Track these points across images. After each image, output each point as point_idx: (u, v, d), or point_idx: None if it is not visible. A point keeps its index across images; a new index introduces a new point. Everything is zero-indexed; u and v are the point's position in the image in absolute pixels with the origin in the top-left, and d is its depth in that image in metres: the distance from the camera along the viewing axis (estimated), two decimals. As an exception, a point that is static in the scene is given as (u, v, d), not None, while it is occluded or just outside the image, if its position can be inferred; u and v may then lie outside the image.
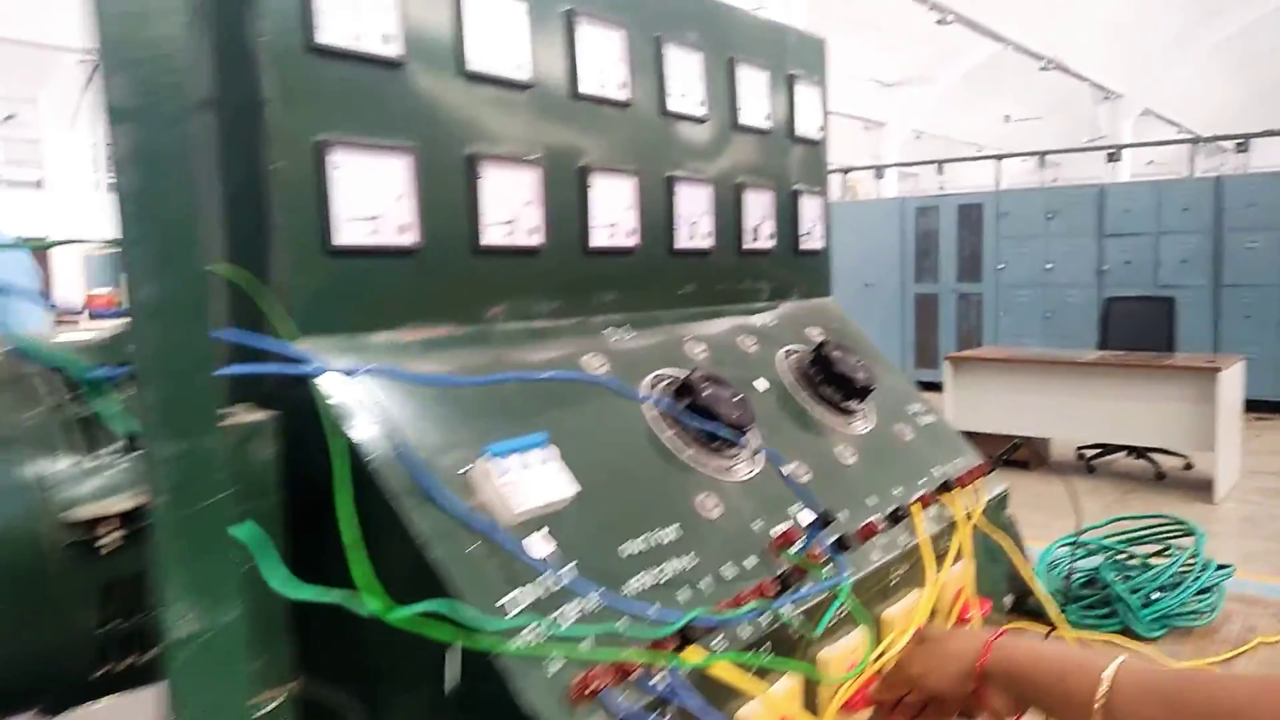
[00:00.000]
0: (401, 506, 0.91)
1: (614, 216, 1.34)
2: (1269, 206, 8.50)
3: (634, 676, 0.90)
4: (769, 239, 1.65)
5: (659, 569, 1.04)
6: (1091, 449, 6.44)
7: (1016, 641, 0.94)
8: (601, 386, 1.20)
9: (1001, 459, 1.68)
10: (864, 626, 1.19)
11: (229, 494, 0.65)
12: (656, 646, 0.93)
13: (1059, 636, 1.51)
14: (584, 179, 1.30)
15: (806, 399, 1.47)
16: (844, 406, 1.50)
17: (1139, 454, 6.17)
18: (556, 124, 1.27)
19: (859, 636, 1.18)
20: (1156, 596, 1.86)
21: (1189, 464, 6.04)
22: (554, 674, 0.86)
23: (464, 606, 0.85)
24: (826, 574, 1.18)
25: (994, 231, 9.90)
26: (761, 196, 1.63)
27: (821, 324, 1.69)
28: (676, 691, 0.90)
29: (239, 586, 0.67)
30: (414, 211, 1.09)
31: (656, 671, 0.91)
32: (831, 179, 1.87)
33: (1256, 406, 7.28)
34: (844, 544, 1.23)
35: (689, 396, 1.22)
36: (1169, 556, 2.03)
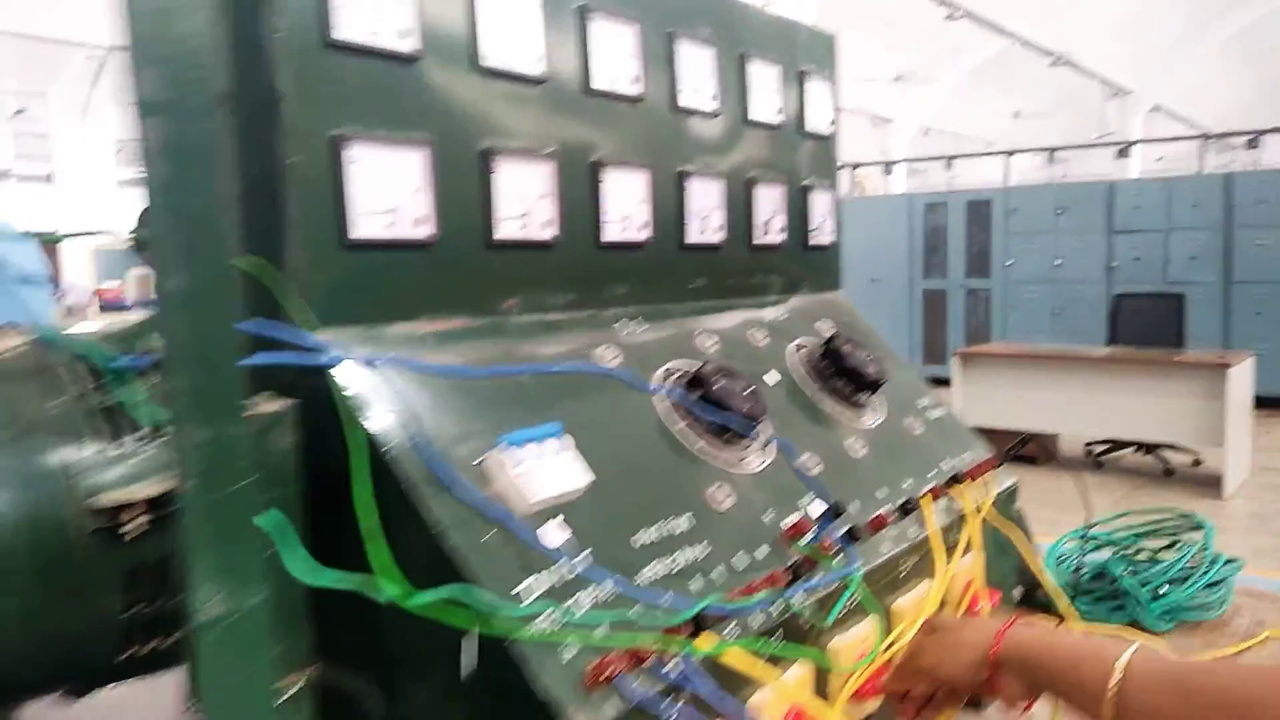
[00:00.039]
0: (418, 495, 0.92)
1: (626, 211, 1.35)
2: (1279, 203, 8.47)
3: (648, 663, 0.91)
4: (780, 233, 1.66)
5: (671, 558, 1.05)
6: (1100, 445, 6.43)
7: (1028, 630, 0.95)
8: (614, 379, 1.22)
9: (1010, 453, 1.68)
10: (875, 616, 1.20)
11: (254, 480, 0.67)
12: (670, 634, 0.94)
13: (1068, 629, 1.52)
14: (596, 174, 1.31)
15: (817, 392, 1.48)
16: (854, 400, 1.51)
17: (1147, 450, 6.16)
18: (570, 119, 1.28)
19: (870, 626, 1.19)
20: (1165, 590, 1.87)
21: (1198, 460, 6.03)
22: (569, 660, 0.88)
23: (481, 592, 0.86)
24: (837, 565, 1.19)
25: (1003, 227, 9.87)
26: (772, 191, 1.64)
27: (832, 318, 1.70)
28: (690, 678, 0.92)
29: (264, 571, 0.68)
30: (430, 205, 1.10)
31: (670, 658, 0.92)
32: (839, 174, 1.88)
33: (1266, 403, 7.26)
34: (854, 535, 1.24)
35: (701, 388, 1.23)
36: (1178, 551, 2.04)
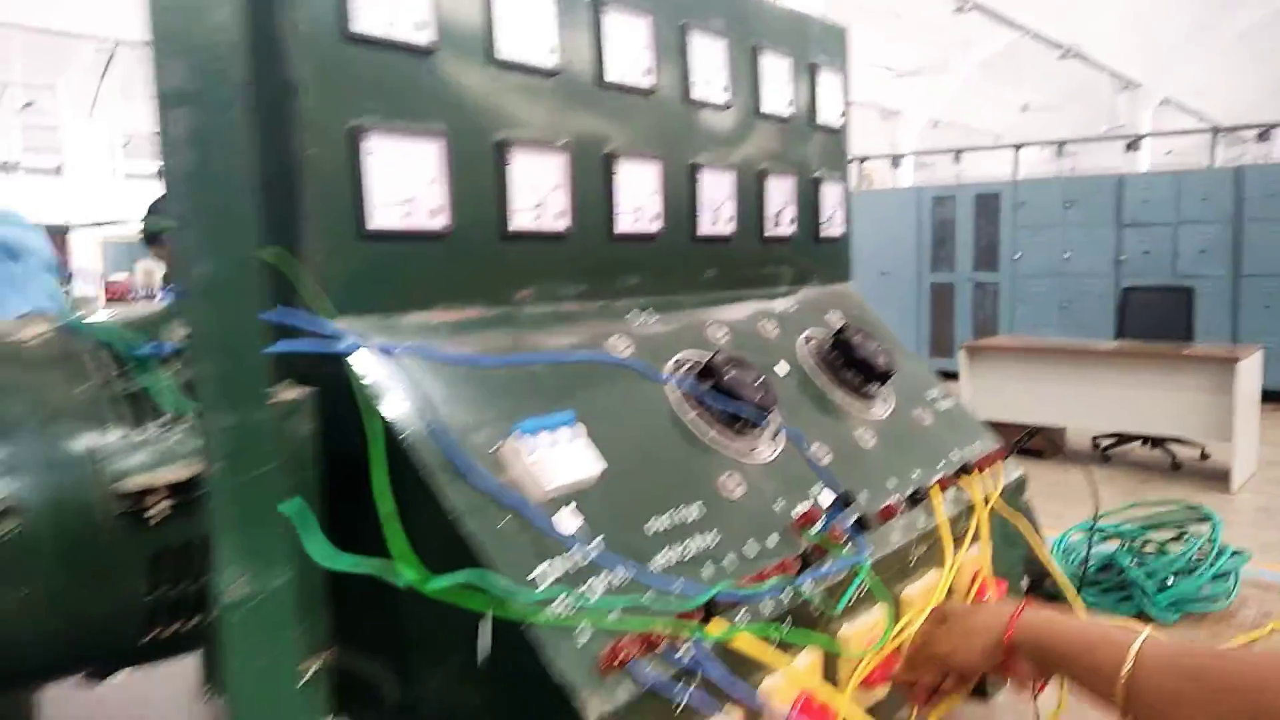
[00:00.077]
0: (435, 481, 0.94)
1: (639, 202, 1.36)
2: (1290, 196, 8.43)
3: (660, 648, 0.92)
4: (790, 225, 1.67)
5: (683, 545, 1.06)
6: (1107, 439, 6.43)
7: (1041, 615, 0.96)
8: (627, 368, 1.23)
9: (1019, 445, 1.69)
10: (884, 604, 1.21)
11: (277, 465, 0.68)
12: (682, 619, 0.95)
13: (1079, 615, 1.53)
14: (609, 165, 1.32)
15: (827, 383, 1.49)
16: (864, 391, 1.52)
17: (1154, 444, 6.16)
18: (583, 111, 1.29)
19: (879, 614, 1.20)
20: (1172, 581, 1.88)
21: (1205, 454, 6.02)
22: (583, 645, 0.89)
23: (496, 577, 0.87)
24: (847, 553, 1.20)
25: (1011, 221, 9.85)
26: (783, 183, 1.64)
27: (841, 309, 1.71)
28: (701, 663, 0.93)
29: (288, 553, 0.69)
30: (445, 196, 1.11)
31: (682, 643, 0.94)
32: (848, 167, 1.88)
33: (1274, 397, 7.24)
34: (864, 524, 1.25)
35: (712, 379, 1.25)
36: (1185, 543, 2.05)
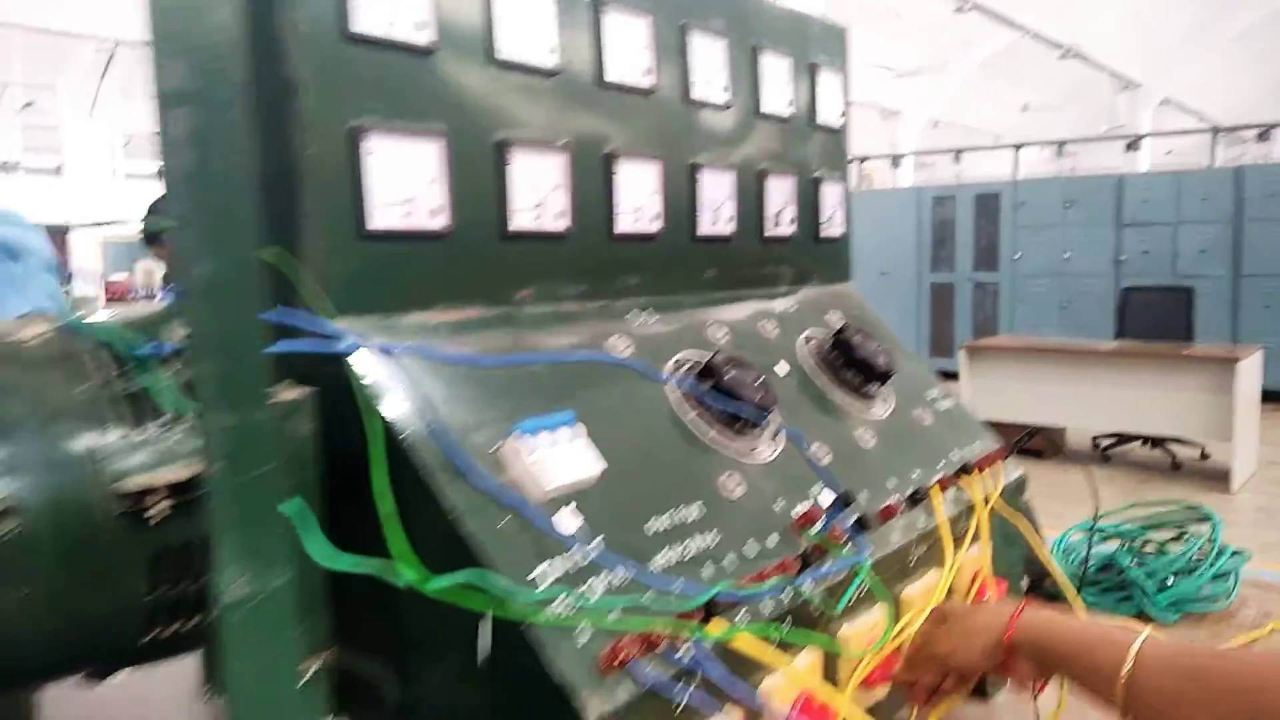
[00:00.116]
0: (435, 481, 0.94)
1: (638, 202, 1.36)
2: (1290, 196, 8.43)
3: (660, 648, 0.92)
4: (790, 225, 1.67)
5: (683, 545, 1.06)
6: (1107, 439, 6.43)
7: (1040, 615, 0.96)
8: (627, 368, 1.23)
9: (1019, 444, 1.69)
10: (884, 604, 1.21)
11: (278, 464, 0.68)
12: (682, 619, 0.95)
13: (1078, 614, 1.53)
14: (609, 165, 1.32)
15: (827, 383, 1.49)
16: (864, 391, 1.52)
17: (1154, 444, 6.16)
18: (583, 111, 1.29)
19: (879, 614, 1.20)
20: (1172, 581, 1.88)
21: (1205, 454, 6.02)
22: (583, 645, 0.89)
23: (497, 577, 0.87)
24: (847, 553, 1.20)
25: (1011, 221, 9.85)
26: (783, 183, 1.64)
27: (841, 309, 1.71)
28: (701, 662, 0.93)
29: (288, 553, 0.69)
30: (445, 196, 1.11)
31: (682, 643, 0.94)
32: (848, 167, 1.88)
33: (1274, 397, 7.24)
34: (864, 524, 1.25)
35: (712, 379, 1.24)
36: (1185, 543, 2.05)
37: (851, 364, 1.51)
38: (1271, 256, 8.50)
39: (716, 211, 1.50)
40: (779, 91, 1.61)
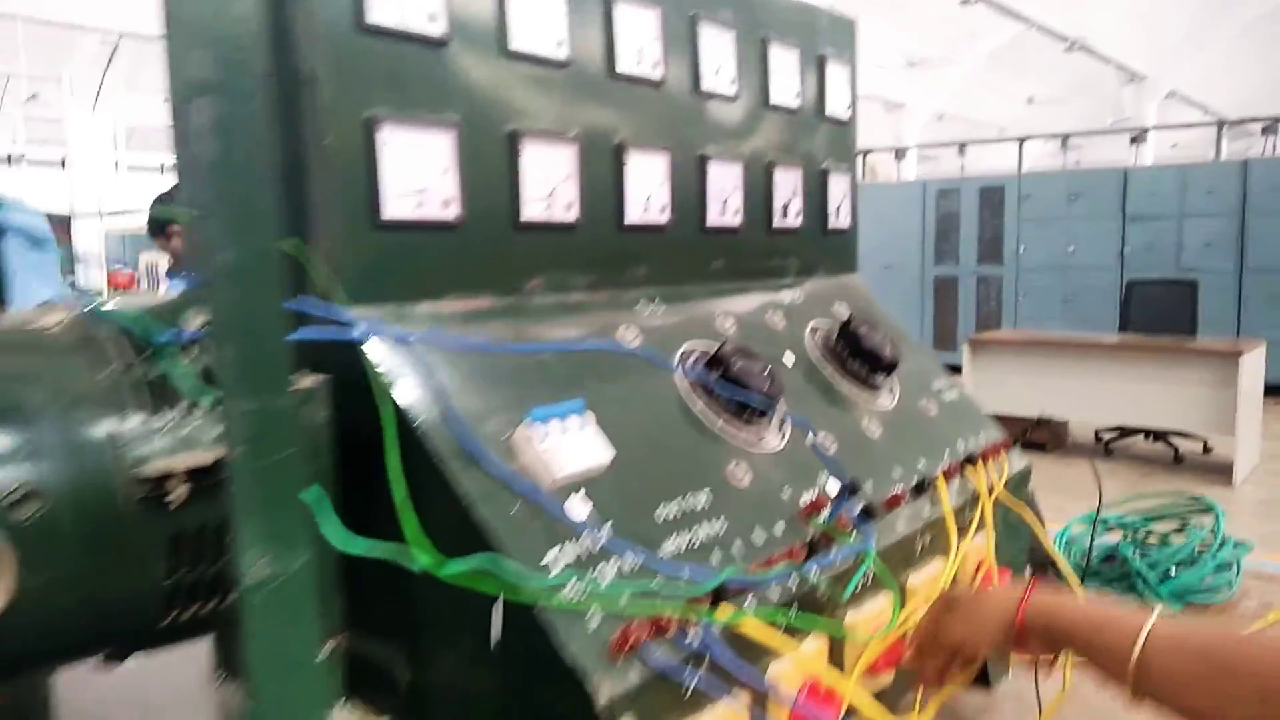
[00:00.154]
0: (448, 468, 0.95)
1: (647, 193, 1.37)
2: (1296, 190, 8.42)
3: (670, 633, 0.94)
4: (797, 217, 1.68)
5: (691, 532, 1.07)
6: (1109, 432, 6.43)
7: (1049, 598, 0.96)
8: (637, 358, 1.24)
9: (1025, 435, 1.70)
10: (890, 592, 1.22)
11: (297, 449, 0.69)
12: (691, 604, 0.97)
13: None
14: (619, 156, 1.33)
15: (833, 374, 1.50)
16: (870, 381, 1.53)
17: (1157, 437, 6.16)
18: (593, 102, 1.30)
19: (885, 601, 1.22)
20: (1174, 572, 1.90)
21: (1207, 447, 6.03)
22: (594, 629, 0.90)
23: (509, 562, 0.89)
24: (853, 541, 1.21)
25: (1015, 214, 9.84)
26: (791, 175, 1.65)
27: (848, 300, 1.72)
28: (710, 647, 0.94)
29: (308, 536, 0.71)
30: (457, 186, 1.12)
31: (691, 627, 0.95)
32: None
33: (1278, 391, 7.24)
34: (870, 513, 1.26)
35: (721, 368, 1.26)
36: (1187, 534, 2.06)
37: (858, 354, 1.52)
38: (1276, 250, 8.49)
39: (724, 203, 1.51)
40: (787, 83, 1.62)
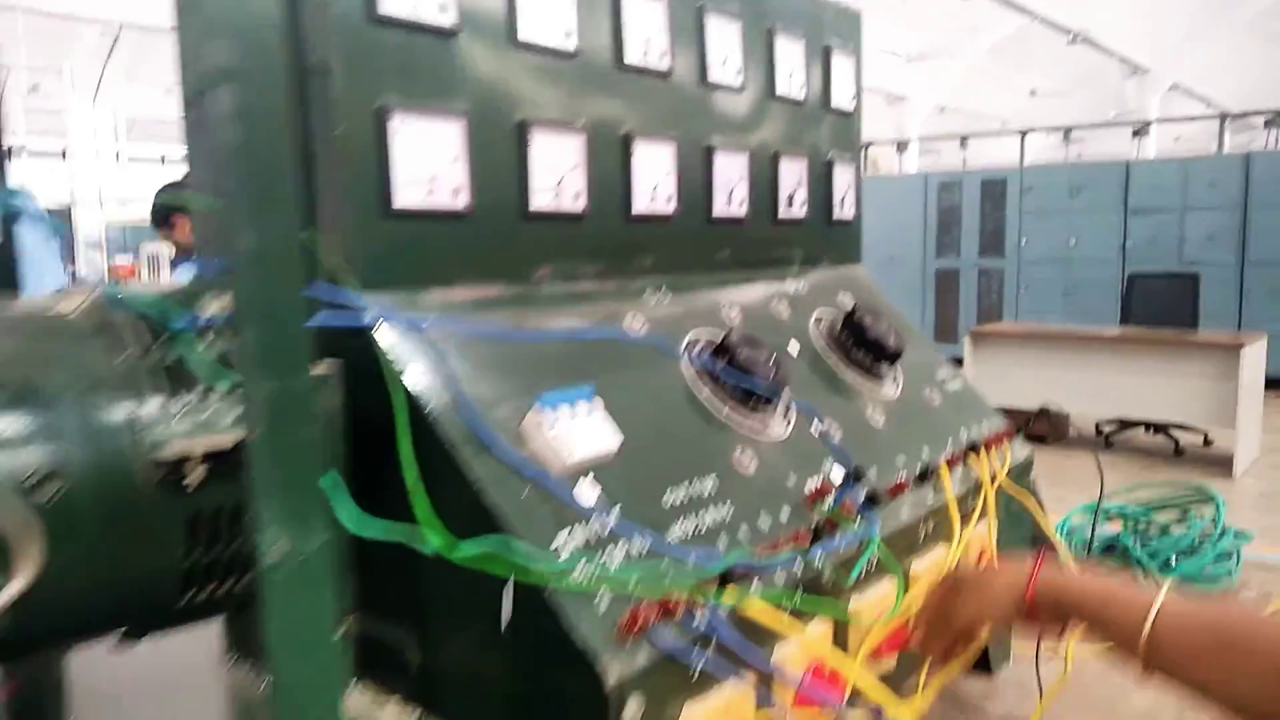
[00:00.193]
0: (460, 454, 0.96)
1: (654, 183, 1.38)
2: (1299, 183, 8.41)
3: (678, 615, 0.95)
4: (802, 207, 1.69)
5: (698, 518, 1.09)
6: (1110, 424, 6.44)
7: (1058, 575, 0.97)
8: (643, 346, 1.25)
9: (1030, 423, 1.72)
10: (894, 577, 1.24)
11: (315, 431, 0.70)
12: (699, 586, 0.98)
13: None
14: (627, 146, 1.34)
15: (837, 363, 1.52)
16: (874, 370, 1.54)
17: (1157, 430, 6.17)
18: (601, 92, 1.31)
19: (888, 587, 1.23)
20: (1175, 561, 1.91)
21: (1208, 440, 6.04)
22: (604, 611, 0.92)
23: (520, 544, 0.90)
24: (857, 527, 1.22)
25: (1017, 207, 9.83)
26: (796, 165, 1.66)
27: (852, 291, 1.73)
28: (717, 629, 0.96)
29: (326, 516, 0.72)
30: (466, 175, 1.13)
31: (699, 610, 0.96)
32: (857, 151, 1.90)
33: (1279, 384, 7.24)
34: (874, 499, 1.27)
35: (727, 357, 1.27)
36: (1188, 524, 2.07)
37: (862, 344, 1.53)
38: (1278, 243, 8.48)
39: (730, 193, 1.52)
40: (793, 74, 1.62)
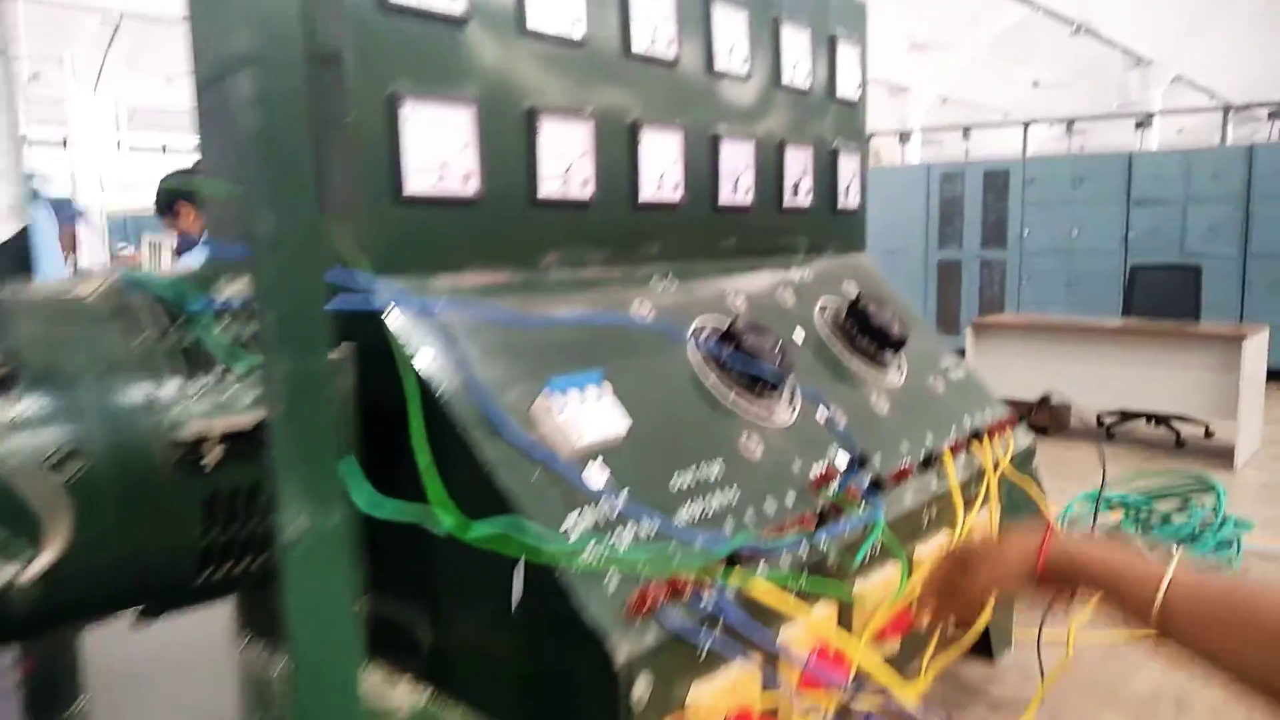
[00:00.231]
0: (472, 436, 0.98)
1: (661, 171, 1.39)
2: (1301, 175, 8.41)
3: (686, 596, 0.96)
4: (807, 196, 1.70)
5: (705, 501, 1.10)
6: (1111, 416, 6.45)
7: (1068, 545, 0.97)
8: (650, 333, 1.26)
9: (1032, 412, 1.73)
10: (898, 561, 1.25)
11: (333, 412, 0.72)
12: (706, 568, 0.99)
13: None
14: (634, 134, 1.35)
15: (842, 350, 1.53)
16: (878, 358, 1.55)
17: (1158, 421, 6.19)
18: (609, 80, 1.32)
19: (892, 571, 1.24)
20: (1175, 549, 1.92)
21: (1209, 431, 6.05)
22: (613, 591, 0.93)
23: (531, 525, 0.91)
24: (862, 512, 1.24)
25: (1019, 198, 9.83)
26: (801, 154, 1.67)
27: (857, 279, 1.74)
28: (724, 609, 0.97)
29: (343, 493, 0.73)
30: (476, 161, 1.15)
31: (706, 591, 0.98)
32: (861, 141, 1.91)
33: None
34: (878, 485, 1.29)
35: (733, 343, 1.28)
36: (1189, 513, 2.09)
37: (866, 332, 1.54)
38: (1281, 236, 8.48)
39: (736, 181, 1.53)
40: (798, 63, 1.63)
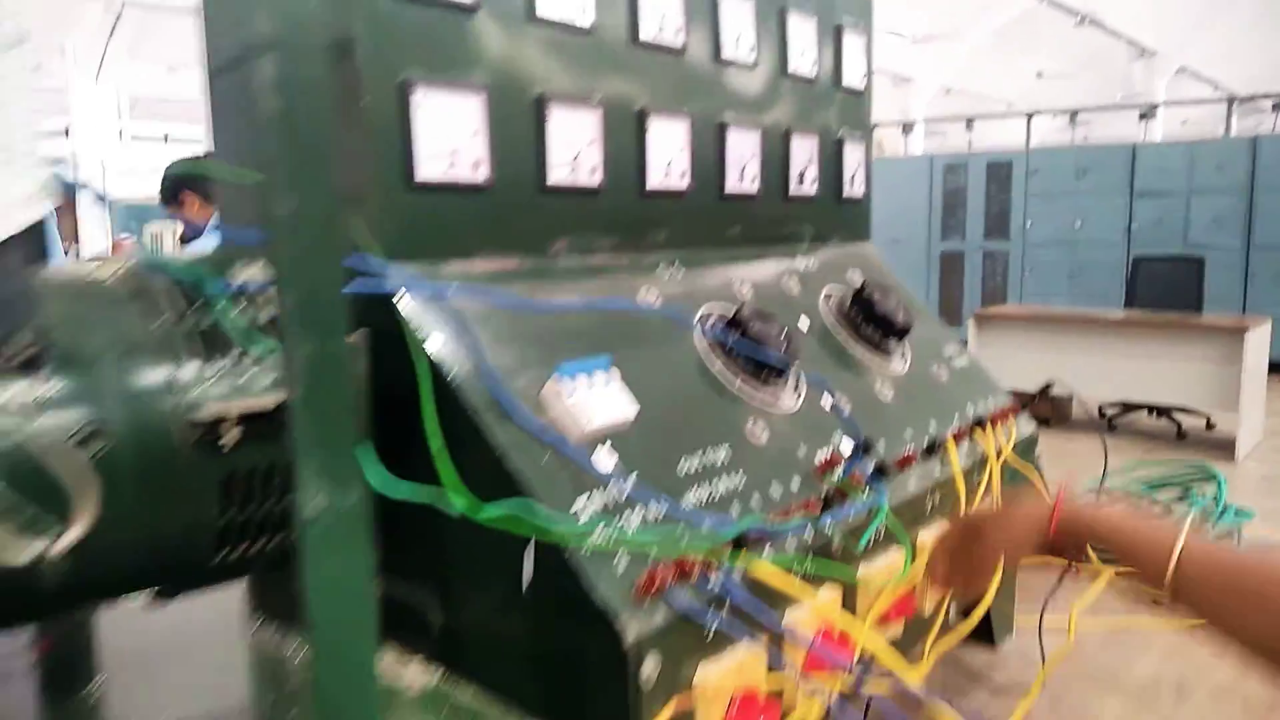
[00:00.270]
0: (483, 420, 0.99)
1: (668, 159, 1.40)
2: (1305, 167, 8.40)
3: (693, 578, 0.98)
4: (813, 184, 1.71)
5: (711, 485, 1.12)
6: (1112, 407, 6.47)
7: (1080, 509, 0.99)
8: (658, 319, 1.28)
9: (1034, 400, 1.74)
10: (902, 546, 1.27)
11: (352, 392, 0.73)
12: (714, 550, 1.01)
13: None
14: (641, 122, 1.36)
15: (847, 338, 1.54)
16: (883, 346, 1.56)
17: (1160, 413, 6.20)
18: (617, 68, 1.33)
19: (896, 556, 1.26)
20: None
21: (1210, 423, 6.06)
22: (622, 572, 0.95)
23: (542, 507, 0.93)
24: (866, 497, 1.25)
25: (1022, 189, 9.82)
26: (807, 143, 1.68)
27: (861, 268, 1.75)
28: (731, 591, 0.99)
29: (361, 474, 0.75)
30: (486, 148, 1.16)
31: (714, 572, 0.99)
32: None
33: (1282, 368, 7.26)
34: (883, 471, 1.30)
35: (739, 330, 1.29)
36: (1190, 502, 2.10)
37: (871, 320, 1.56)
38: (1285, 228, 8.48)
39: (743, 169, 1.54)
40: (805, 52, 1.64)
